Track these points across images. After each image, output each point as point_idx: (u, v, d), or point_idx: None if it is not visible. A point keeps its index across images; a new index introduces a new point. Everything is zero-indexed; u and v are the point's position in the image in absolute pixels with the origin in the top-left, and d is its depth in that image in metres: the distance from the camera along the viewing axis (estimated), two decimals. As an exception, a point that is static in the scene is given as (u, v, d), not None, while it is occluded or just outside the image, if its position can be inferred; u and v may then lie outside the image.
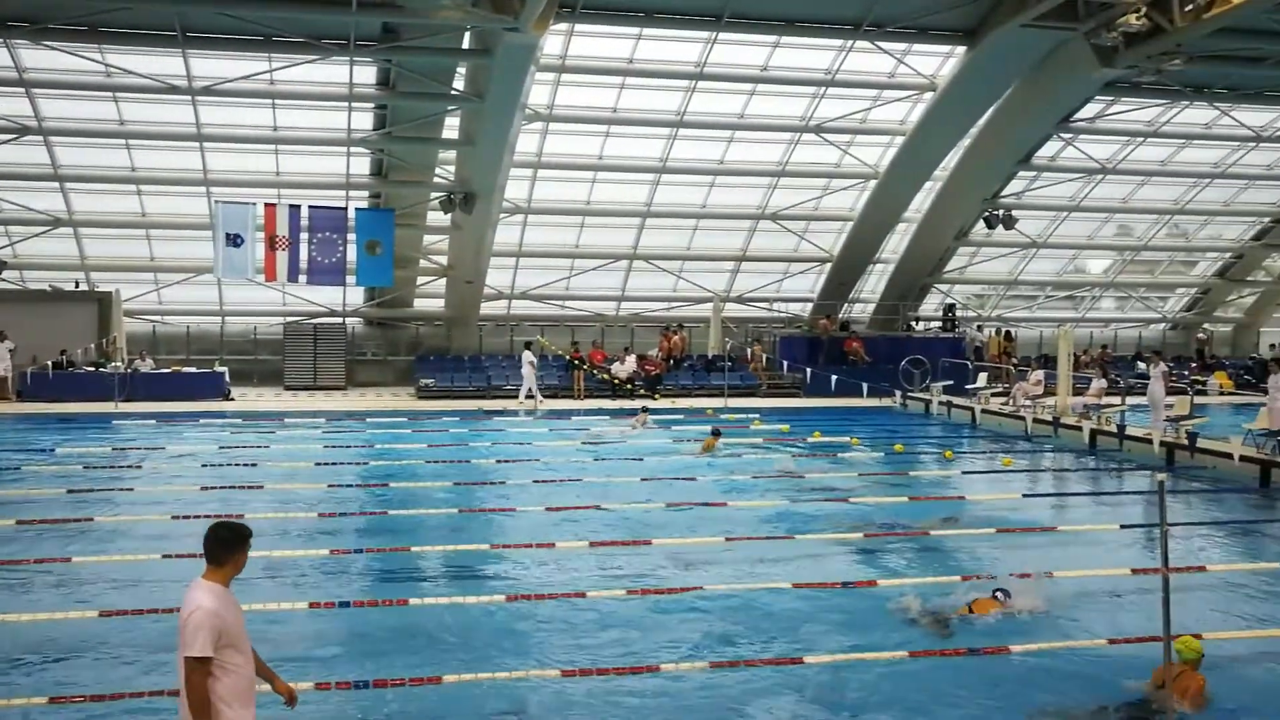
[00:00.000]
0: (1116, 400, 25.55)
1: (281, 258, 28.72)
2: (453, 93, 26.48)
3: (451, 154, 29.05)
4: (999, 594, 10.48)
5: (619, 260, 34.67)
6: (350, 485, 17.65)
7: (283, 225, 28.53)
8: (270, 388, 32.58)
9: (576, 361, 31.66)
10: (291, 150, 29.41)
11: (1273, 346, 41.18)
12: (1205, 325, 41.68)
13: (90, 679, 8.59)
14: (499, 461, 20.23)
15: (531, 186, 31.41)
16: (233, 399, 29.62)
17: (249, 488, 16.76)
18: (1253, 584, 11.94)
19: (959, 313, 37.84)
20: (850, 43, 26.82)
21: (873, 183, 32.24)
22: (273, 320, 33.86)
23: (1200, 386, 33.02)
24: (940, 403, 29.24)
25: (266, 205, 28.73)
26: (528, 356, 30.13)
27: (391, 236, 29.30)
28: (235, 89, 26.22)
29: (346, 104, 26.97)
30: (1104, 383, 26.90)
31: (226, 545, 5.73)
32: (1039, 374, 27.79)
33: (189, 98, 26.45)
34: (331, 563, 12.38)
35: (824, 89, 28.73)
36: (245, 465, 19.06)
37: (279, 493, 16.62)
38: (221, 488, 16.78)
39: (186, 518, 14.02)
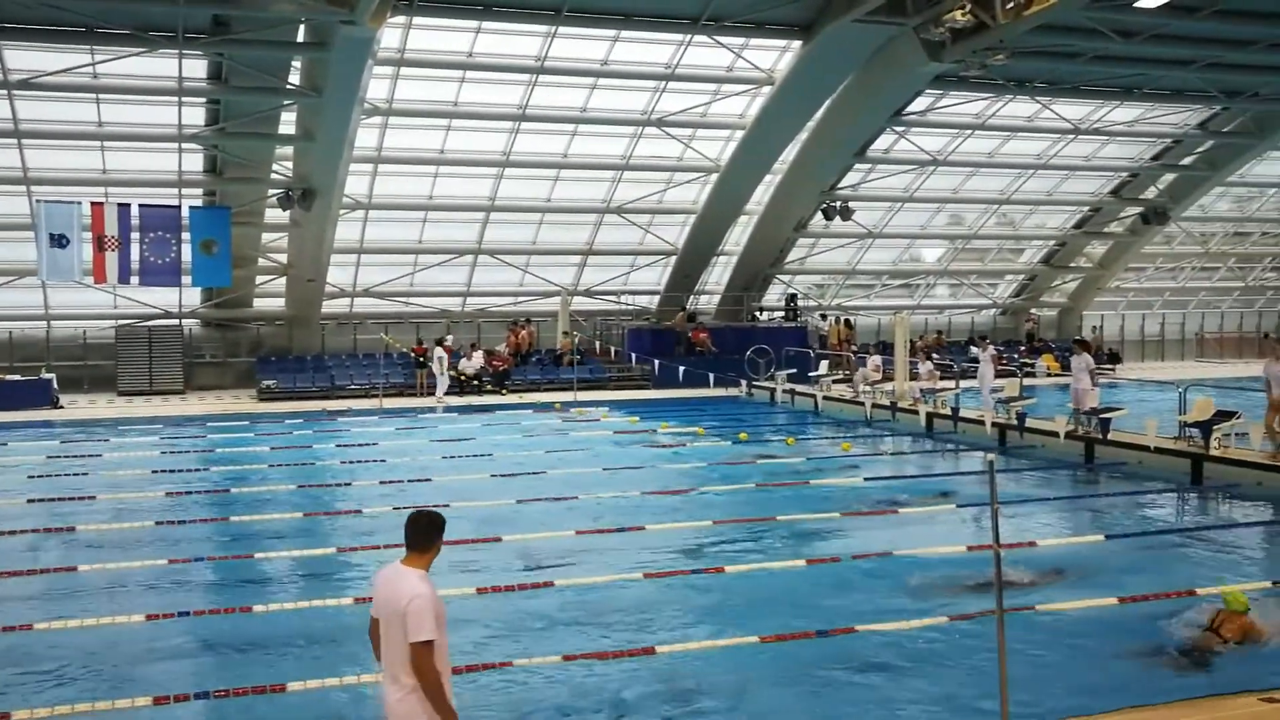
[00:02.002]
0: (950, 384, 26.47)
1: (111, 258, 27.59)
2: (288, 87, 25.84)
3: (289, 150, 28.35)
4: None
5: (464, 255, 34.41)
6: (190, 492, 17.13)
7: (111, 225, 27.40)
8: (103, 394, 31.35)
9: (421, 358, 31.30)
10: (119, 147, 28.26)
11: (1095, 329, 43.29)
12: (1032, 310, 43.51)
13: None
14: (344, 463, 19.91)
15: (372, 182, 30.90)
16: (61, 407, 28.40)
17: (80, 499, 16.13)
18: (1079, 554, 12.56)
19: (801, 302, 38.71)
20: (689, 37, 27.13)
21: (714, 176, 32.71)
22: (104, 324, 32.50)
23: (1029, 369, 34.50)
24: (784, 391, 29.89)
25: (93, 204, 27.54)
26: (438, 353, 30.04)
27: (228, 235, 28.44)
28: (55, 83, 25.09)
29: (177, 99, 26.06)
30: (929, 365, 27.84)
31: (427, 532, 5.93)
32: (876, 359, 28.63)
33: (4, 91, 25.21)
34: (170, 572, 12.02)
35: (665, 83, 28.99)
36: (76, 475, 18.33)
37: (113, 503, 16.04)
38: (50, 500, 16.09)
39: (11, 533, 13.43)
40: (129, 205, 27.74)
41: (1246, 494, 16.34)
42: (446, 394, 30.17)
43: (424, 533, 5.91)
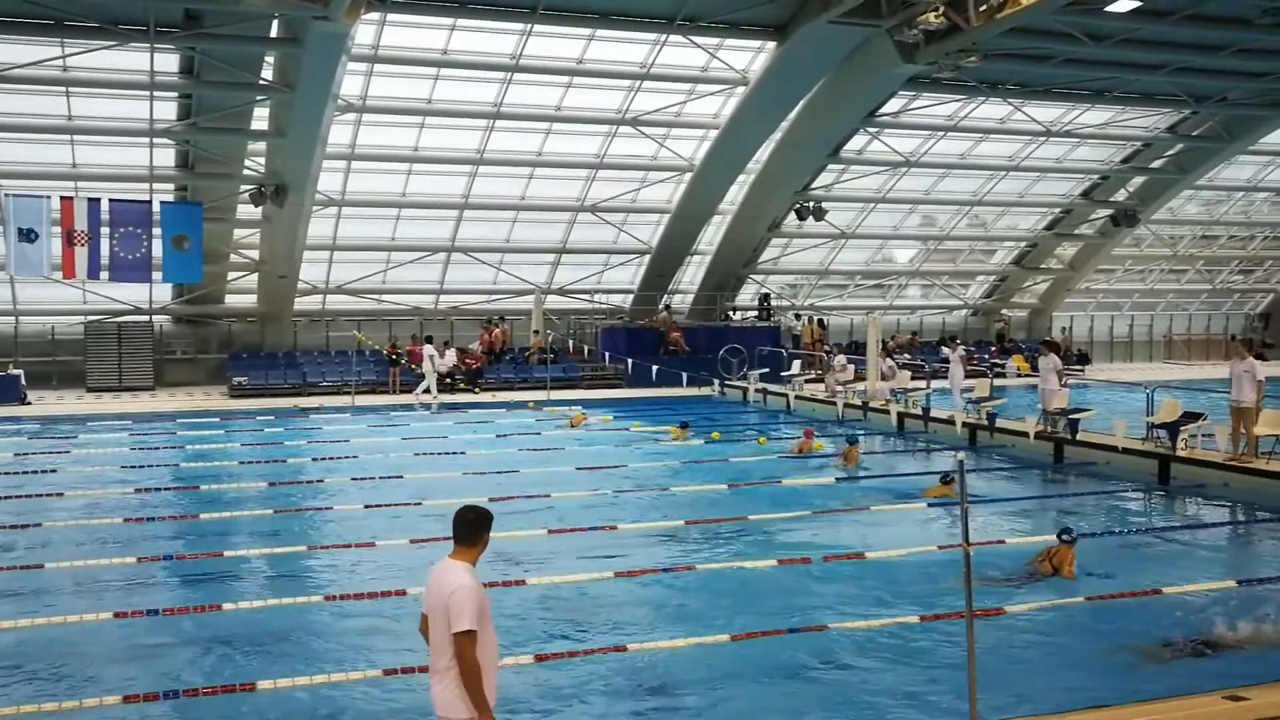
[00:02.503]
0: (921, 384, 26.60)
1: (81, 254, 27.37)
2: (261, 82, 25.70)
3: (261, 145, 28.22)
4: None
5: (437, 253, 34.32)
6: (159, 489, 17.01)
7: (81, 220, 27.18)
8: (71, 390, 31.10)
9: (394, 356, 31.20)
10: (89, 141, 28.02)
11: (1064, 330, 43.61)
12: (1003, 311, 43.81)
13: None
14: (316, 460, 19.83)
15: (345, 178, 30.78)
16: (30, 403, 28.14)
17: (48, 496, 16.01)
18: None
19: (774, 302, 38.82)
20: (664, 36, 27.16)
21: (689, 175, 32.75)
22: (73, 319, 32.24)
23: (999, 369, 34.73)
24: (757, 390, 29.97)
25: (63, 199, 27.29)
26: (428, 350, 30.02)
27: (200, 231, 28.25)
28: (24, 75, 24.87)
29: (148, 93, 25.87)
30: (889, 363, 27.96)
31: (474, 526, 6.03)
32: (842, 358, 28.74)
33: (-29, 84, 25.02)
34: (139, 570, 11.95)
35: (640, 82, 29.03)
36: (43, 472, 18.17)
37: (81, 500, 15.92)
38: (17, 497, 15.94)
39: (-21, 529, 13.31)
40: (99, 200, 27.51)
41: (1213, 494, 16.51)
42: (425, 392, 30.00)
43: (471, 527, 6.03)
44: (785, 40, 27.08)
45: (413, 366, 31.54)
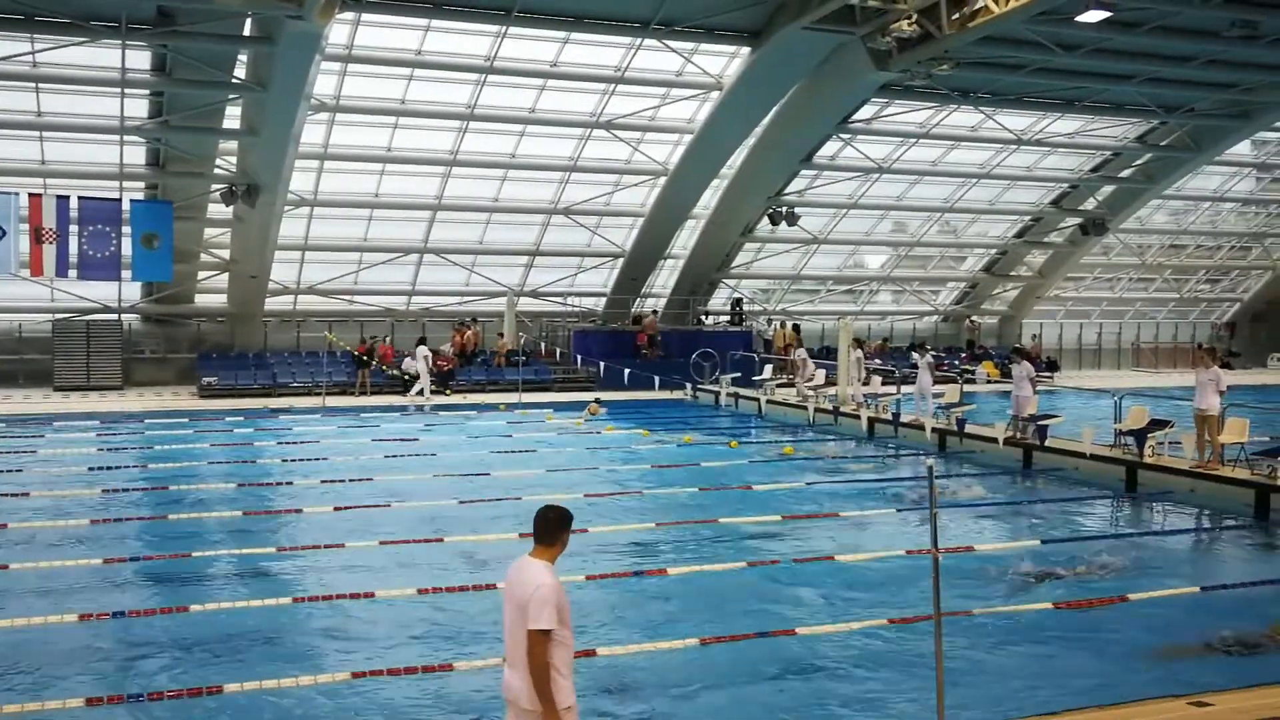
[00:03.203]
0: (892, 389, 26.71)
1: (49, 251, 27.08)
2: (234, 81, 25.56)
3: (233, 144, 28.05)
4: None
5: (409, 254, 34.21)
6: (127, 490, 16.88)
7: (50, 217, 26.89)
8: (38, 389, 30.76)
9: (364, 357, 31.08)
10: (58, 137, 27.75)
11: (1034, 337, 43.92)
12: (974, 317, 44.06)
13: None
14: (285, 461, 19.73)
15: (318, 178, 30.63)
16: (-5, 401, 27.90)
17: (13, 495, 15.85)
18: (1018, 562, 12.75)
19: (746, 306, 38.90)
20: (639, 40, 27.19)
21: (662, 179, 32.78)
22: (40, 317, 31.92)
23: (969, 375, 34.95)
24: (729, 394, 30.04)
25: (31, 196, 26.99)
26: (422, 351, 30.07)
27: (170, 229, 28.02)
28: (-7, 70, 24.69)
29: (119, 90, 25.67)
30: (858, 354, 27.97)
31: (553, 526, 6.04)
32: (802, 351, 28.78)
33: (-61, 78, 24.76)
34: (106, 571, 11.85)
35: (614, 86, 29.05)
36: (9, 471, 18.00)
37: (47, 500, 15.79)
38: (-18, 496, 15.81)
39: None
40: (68, 197, 27.23)
41: (1179, 500, 16.69)
42: (419, 394, 29.95)
43: (550, 526, 6.07)
44: (760, 46, 27.15)
45: (384, 368, 31.45)
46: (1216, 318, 49.55)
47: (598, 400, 27.13)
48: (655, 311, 36.47)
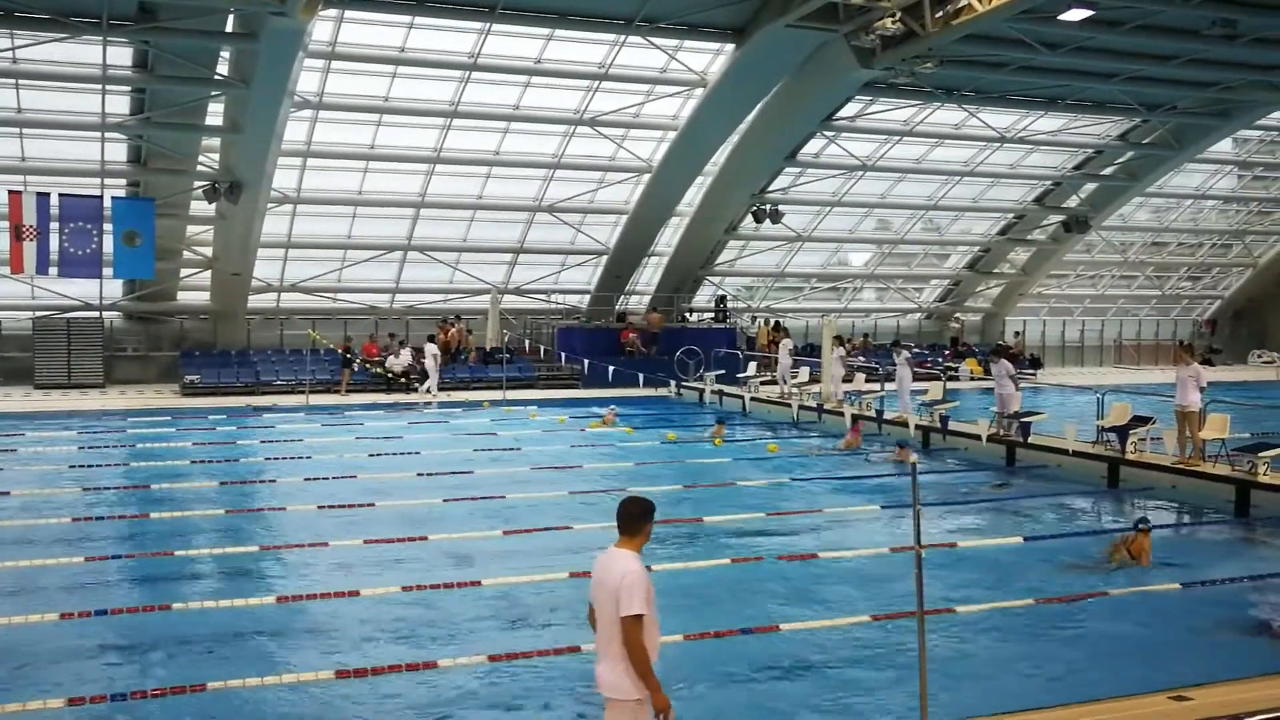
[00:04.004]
0: (875, 386, 26.76)
1: (29, 249, 26.91)
2: (216, 78, 25.45)
3: (216, 141, 27.92)
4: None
5: (393, 251, 34.12)
6: (109, 488, 16.80)
7: (30, 214, 26.71)
8: (18, 387, 30.55)
9: (347, 355, 30.99)
10: (39, 134, 27.59)
11: (1017, 334, 44.09)
12: (957, 314, 44.19)
13: None
14: (269, 459, 19.67)
15: (301, 176, 30.53)
16: (-25, 399, 27.72)
17: (-6, 494, 15.77)
18: (1001, 558, 12.81)
19: (730, 303, 38.93)
20: (623, 37, 27.17)
21: (646, 177, 32.78)
22: (20, 315, 31.71)
23: (953, 372, 35.05)
24: (713, 391, 30.07)
25: (11, 193, 26.79)
26: (431, 349, 30.07)
27: (152, 227, 27.86)
28: (-27, 67, 24.52)
29: (100, 86, 25.53)
30: (841, 351, 28.07)
31: (634, 518, 6.24)
32: (788, 341, 28.83)
33: (-81, 75, 24.58)
34: (87, 570, 11.80)
35: (598, 83, 29.03)
36: (-11, 470, 17.91)
37: (27, 498, 15.70)
38: (-38, 495, 15.72)
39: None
40: (49, 194, 27.04)
41: (1161, 496, 16.78)
42: (427, 391, 29.94)
43: (632, 518, 6.24)
44: (744, 43, 27.17)
45: (366, 365, 31.36)
46: (1198, 315, 49.80)
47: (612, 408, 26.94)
48: (656, 308, 36.48)
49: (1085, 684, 8.42)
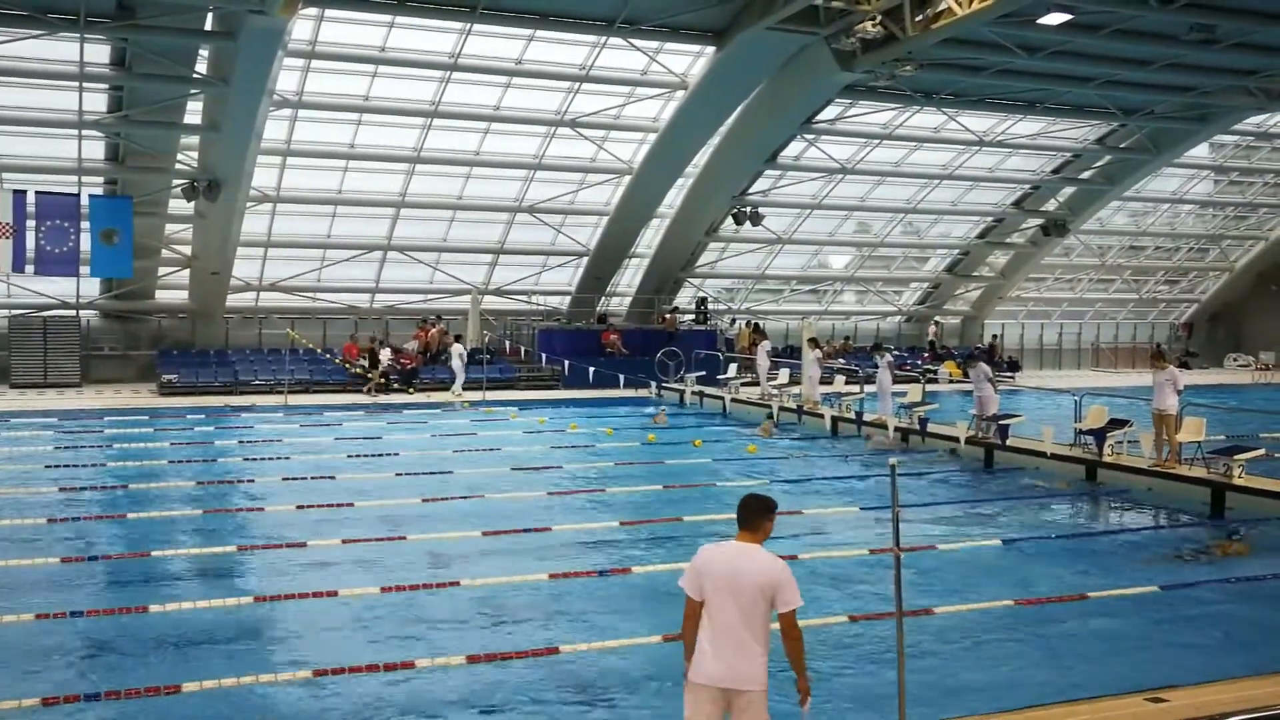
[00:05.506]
0: (855, 389, 26.84)
1: (4, 246, 26.72)
2: (195, 76, 25.34)
3: (195, 139, 27.78)
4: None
5: (373, 251, 34.03)
6: (85, 488, 16.68)
7: (5, 212, 26.53)
8: (-7, 386, 30.40)
9: (374, 354, 30.84)
10: (15, 131, 27.42)
11: (995, 337, 44.25)
12: (936, 317, 44.35)
13: None
14: (247, 460, 19.57)
15: (280, 174, 30.42)
16: (-50, 398, 27.50)
17: (-32, 494, 15.65)
18: (979, 559, 12.85)
19: (710, 305, 38.97)
20: (605, 39, 27.18)
21: (627, 178, 32.81)
22: (-5, 313, 31.56)
23: (932, 375, 35.18)
24: (694, 393, 30.09)
25: (-14, 190, 26.72)
26: (458, 349, 30.08)
27: (130, 225, 27.70)
28: (-51, 64, 24.33)
29: (78, 84, 25.37)
30: (817, 354, 28.12)
31: (755, 513, 6.35)
32: (767, 343, 28.90)
33: (-105, 72, 24.36)
34: (63, 570, 11.71)
35: (579, 84, 29.04)
36: (-37, 469, 17.76)
37: (2, 498, 15.58)
38: (-64, 494, 15.59)
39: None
40: (25, 192, 26.89)
41: (1137, 498, 16.87)
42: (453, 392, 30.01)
43: (753, 514, 6.34)
44: (724, 45, 27.21)
45: (346, 365, 31.26)
46: (1175, 318, 50.16)
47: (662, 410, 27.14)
48: (675, 309, 36.65)
49: (1062, 685, 8.45)
